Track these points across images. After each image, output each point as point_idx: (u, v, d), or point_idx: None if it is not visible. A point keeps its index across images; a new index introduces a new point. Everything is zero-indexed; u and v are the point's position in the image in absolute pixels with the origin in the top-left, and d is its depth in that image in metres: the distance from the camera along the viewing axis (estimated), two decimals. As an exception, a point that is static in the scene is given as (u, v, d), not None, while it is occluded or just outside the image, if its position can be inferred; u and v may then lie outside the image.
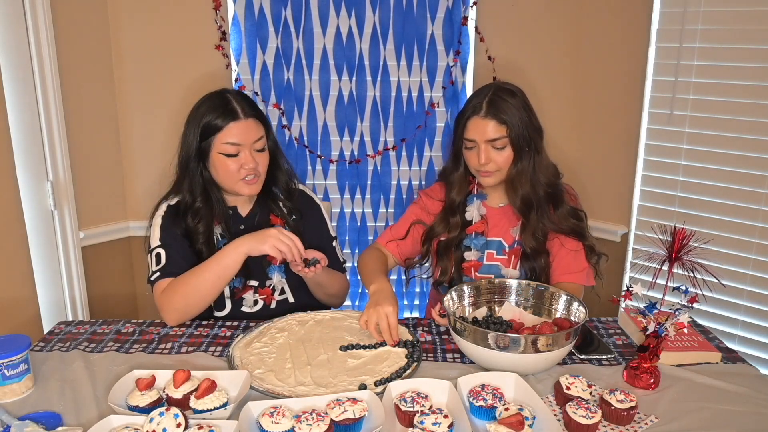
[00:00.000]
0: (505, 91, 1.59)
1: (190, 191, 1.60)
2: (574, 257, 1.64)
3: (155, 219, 1.63)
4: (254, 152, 1.55)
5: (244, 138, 1.53)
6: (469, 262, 1.68)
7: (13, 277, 1.96)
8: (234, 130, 1.53)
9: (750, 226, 2.04)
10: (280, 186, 1.70)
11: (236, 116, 1.53)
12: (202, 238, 1.59)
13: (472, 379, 1.21)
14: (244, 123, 1.54)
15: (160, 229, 1.60)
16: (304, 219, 1.73)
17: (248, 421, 1.08)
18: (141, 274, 2.43)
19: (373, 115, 2.32)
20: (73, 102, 2.10)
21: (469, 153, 1.62)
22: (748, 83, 1.97)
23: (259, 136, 1.56)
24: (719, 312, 2.14)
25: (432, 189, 1.80)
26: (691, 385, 1.26)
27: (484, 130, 1.57)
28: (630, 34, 2.19)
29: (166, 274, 1.54)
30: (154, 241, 1.60)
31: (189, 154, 1.58)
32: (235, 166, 1.54)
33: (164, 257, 1.56)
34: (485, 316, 1.45)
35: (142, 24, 2.19)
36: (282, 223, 1.68)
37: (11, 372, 1.19)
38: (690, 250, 1.28)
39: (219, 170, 1.56)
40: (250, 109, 1.56)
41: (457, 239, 1.69)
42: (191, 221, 1.60)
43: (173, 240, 1.59)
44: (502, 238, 1.69)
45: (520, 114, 1.57)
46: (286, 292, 1.69)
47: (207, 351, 1.41)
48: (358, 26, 2.22)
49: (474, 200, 1.70)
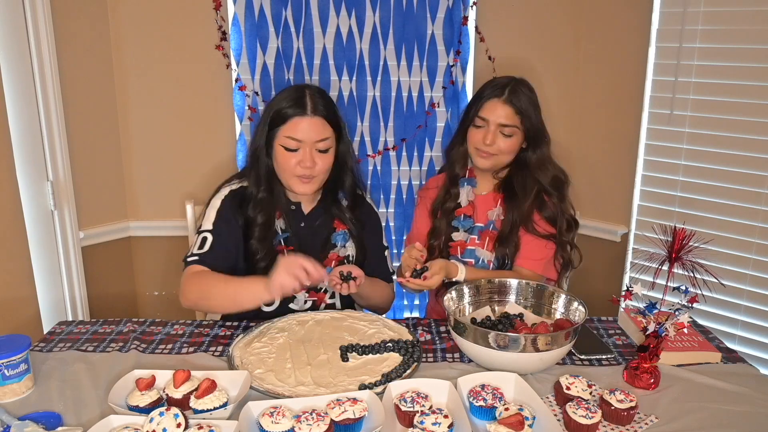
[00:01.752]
0: (526, 86, 1.69)
1: (256, 180, 1.60)
2: (537, 245, 1.69)
3: (213, 201, 1.60)
4: (315, 152, 1.53)
5: (307, 135, 1.51)
6: (457, 242, 1.74)
7: (13, 277, 1.96)
8: (299, 124, 1.51)
9: (750, 226, 2.04)
10: (347, 191, 1.68)
11: (304, 111, 1.51)
12: (259, 231, 1.56)
13: (472, 379, 1.21)
14: (310, 120, 1.52)
15: (217, 213, 1.57)
16: (366, 228, 1.72)
17: (248, 421, 1.08)
18: (141, 274, 2.43)
19: (373, 115, 2.32)
20: (73, 102, 2.10)
21: (475, 130, 1.68)
22: (748, 83, 1.97)
23: (323, 137, 1.53)
24: (719, 312, 2.14)
25: (427, 183, 1.90)
26: (691, 385, 1.26)
27: (501, 113, 1.64)
28: (630, 34, 2.19)
29: (203, 262, 1.51)
30: (207, 224, 1.57)
31: (258, 141, 1.58)
32: (293, 161, 1.53)
33: (209, 244, 1.53)
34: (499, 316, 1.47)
35: (142, 24, 2.19)
36: (346, 229, 1.67)
37: (11, 372, 1.19)
38: (690, 250, 1.28)
39: (278, 162, 1.56)
40: (323, 109, 1.54)
41: (451, 210, 1.76)
42: (252, 211, 1.58)
43: (226, 229, 1.56)
44: (481, 222, 1.76)
45: (534, 110, 1.66)
46: (335, 297, 1.68)
47: (207, 351, 1.41)
48: (358, 26, 2.22)
49: (465, 184, 1.77)
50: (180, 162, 2.32)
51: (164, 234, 2.36)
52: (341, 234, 1.66)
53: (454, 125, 2.31)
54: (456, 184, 1.78)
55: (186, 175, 2.33)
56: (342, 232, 1.66)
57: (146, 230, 2.37)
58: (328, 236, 1.66)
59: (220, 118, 2.29)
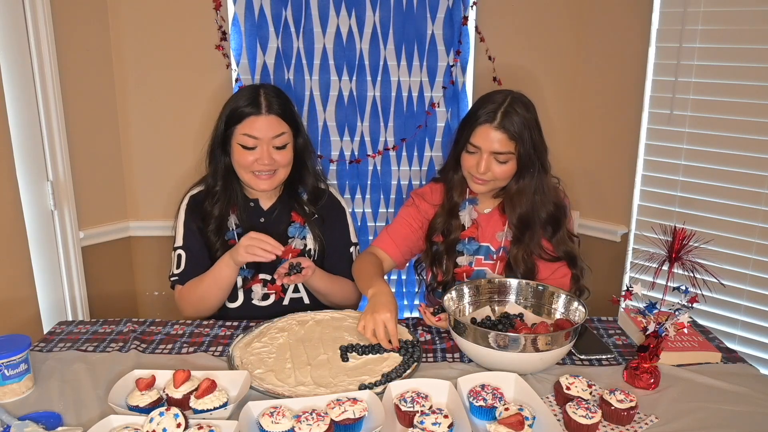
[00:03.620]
0: (521, 105, 1.55)
1: (213, 176, 1.66)
2: (552, 266, 1.65)
3: (180, 213, 1.69)
4: (272, 149, 1.57)
5: (263, 133, 1.55)
6: (461, 267, 1.68)
7: (13, 277, 1.96)
8: (254, 123, 1.55)
9: (750, 226, 2.04)
10: (306, 186, 1.71)
11: (259, 110, 1.55)
12: (214, 224, 1.64)
13: (472, 379, 1.21)
14: (265, 118, 1.56)
15: (184, 226, 1.67)
16: (327, 221, 1.73)
17: (248, 421, 1.08)
18: (141, 274, 2.43)
19: (373, 115, 2.32)
20: (73, 102, 2.10)
21: (468, 156, 1.59)
22: (748, 83, 1.97)
23: (278, 133, 1.57)
24: (719, 312, 2.14)
25: (424, 191, 1.76)
26: (691, 385, 1.26)
27: (493, 141, 1.53)
28: (630, 34, 2.19)
29: (183, 281, 1.64)
30: (178, 240, 1.67)
31: (216, 139, 1.63)
32: (250, 158, 1.57)
33: (184, 262, 1.64)
34: (499, 316, 1.45)
35: (142, 24, 2.19)
36: (302, 221, 1.70)
37: (11, 372, 1.19)
38: (690, 250, 1.28)
39: (236, 160, 1.60)
40: (278, 107, 1.57)
41: (454, 243, 1.68)
42: (208, 204, 1.65)
43: (195, 242, 1.65)
44: (489, 243, 1.69)
45: (531, 131, 1.54)
46: (300, 291, 1.70)
47: (207, 351, 1.41)
48: (358, 26, 2.22)
49: (466, 205, 1.69)
50: (180, 162, 2.32)
51: (164, 234, 2.35)
52: (296, 226, 1.69)
53: (454, 125, 2.31)
54: (457, 216, 1.68)
55: (186, 176, 2.32)
56: (296, 224, 1.69)
57: (146, 230, 2.37)
58: (285, 230, 1.69)
59: (220, 118, 2.29)
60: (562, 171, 1.79)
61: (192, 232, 1.66)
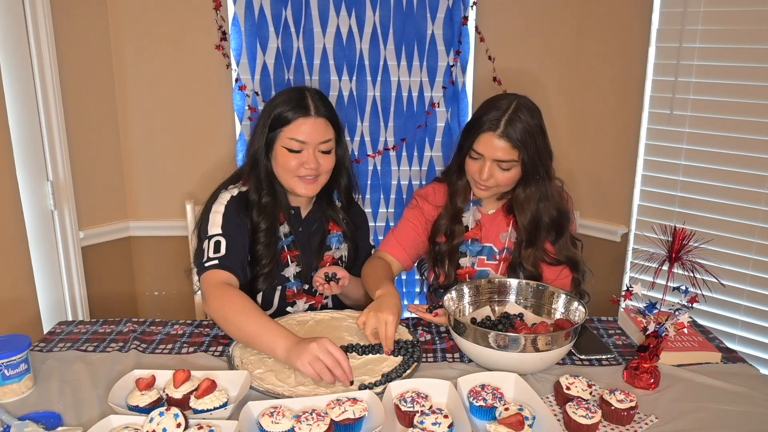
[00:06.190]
0: (526, 111, 1.52)
1: (256, 184, 1.57)
2: (556, 269, 1.64)
3: (216, 206, 1.55)
4: (318, 153, 1.52)
5: (311, 136, 1.50)
6: (464, 269, 1.68)
7: (13, 277, 1.96)
8: (302, 126, 1.50)
9: (750, 226, 2.04)
10: (342, 194, 1.68)
11: (308, 113, 1.50)
12: (264, 237, 1.54)
13: (472, 379, 1.21)
14: (314, 121, 1.50)
15: (224, 217, 1.53)
16: (358, 230, 1.72)
17: (248, 421, 1.08)
18: (141, 274, 2.43)
19: (373, 115, 2.32)
20: (73, 102, 2.10)
21: (472, 162, 1.58)
22: (748, 83, 1.97)
23: (326, 138, 1.52)
24: (719, 312, 2.14)
25: (426, 192, 1.76)
26: (691, 385, 1.26)
27: (496, 149, 1.51)
28: (630, 33, 2.19)
29: (223, 267, 1.45)
30: (214, 228, 1.51)
31: (257, 144, 1.55)
32: (296, 162, 1.51)
33: (224, 247, 1.47)
34: (499, 316, 1.45)
35: (142, 24, 2.19)
36: (340, 231, 1.67)
37: (11, 372, 1.19)
38: (690, 250, 1.28)
39: (279, 164, 1.53)
40: (325, 110, 1.53)
41: (457, 247, 1.68)
42: (256, 216, 1.55)
43: (237, 231, 1.52)
44: (492, 243, 1.68)
45: (535, 138, 1.51)
46: (326, 297, 1.70)
47: (207, 351, 1.41)
48: (358, 26, 2.22)
49: (470, 206, 1.68)
50: (180, 162, 2.32)
51: (164, 234, 2.37)
52: (336, 236, 1.67)
53: (454, 125, 2.31)
54: (460, 221, 1.67)
55: (186, 175, 2.33)
56: (337, 234, 1.67)
57: (146, 230, 2.37)
58: (323, 238, 1.67)
59: (220, 118, 2.29)
60: (563, 171, 1.79)
61: (234, 225, 1.52)
